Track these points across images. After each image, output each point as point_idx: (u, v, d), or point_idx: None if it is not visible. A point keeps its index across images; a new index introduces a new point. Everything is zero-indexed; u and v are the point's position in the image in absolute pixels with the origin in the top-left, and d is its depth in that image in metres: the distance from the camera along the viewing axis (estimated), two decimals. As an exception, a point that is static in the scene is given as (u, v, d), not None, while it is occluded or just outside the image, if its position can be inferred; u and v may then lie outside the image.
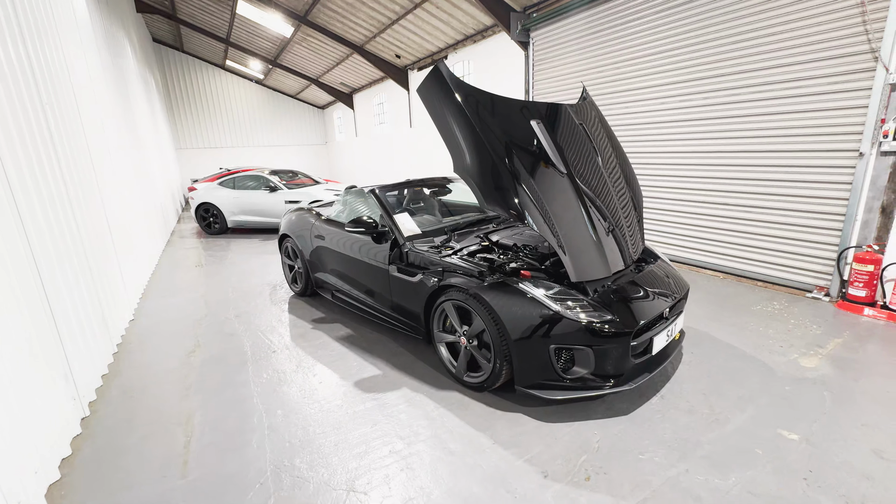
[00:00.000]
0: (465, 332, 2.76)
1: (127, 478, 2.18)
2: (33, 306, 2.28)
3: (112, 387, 3.06)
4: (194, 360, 3.41)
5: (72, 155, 3.30)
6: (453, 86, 2.54)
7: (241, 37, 13.50)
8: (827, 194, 4.12)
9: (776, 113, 4.35)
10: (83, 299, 3.00)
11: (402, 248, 3.24)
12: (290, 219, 4.78)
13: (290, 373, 3.16)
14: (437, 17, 8.61)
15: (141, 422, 2.64)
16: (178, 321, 4.26)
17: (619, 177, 3.08)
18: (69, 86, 3.58)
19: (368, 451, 2.29)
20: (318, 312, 4.32)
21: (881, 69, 3.60)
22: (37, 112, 2.76)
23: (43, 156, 2.73)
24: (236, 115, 18.10)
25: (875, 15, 3.61)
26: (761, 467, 2.10)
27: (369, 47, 11.19)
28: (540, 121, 2.75)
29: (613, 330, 2.35)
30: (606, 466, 2.13)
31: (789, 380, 2.83)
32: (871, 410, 2.50)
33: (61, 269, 2.70)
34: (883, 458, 2.14)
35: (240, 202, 8.65)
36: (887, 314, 3.68)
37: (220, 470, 2.20)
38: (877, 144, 3.73)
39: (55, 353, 2.45)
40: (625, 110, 5.85)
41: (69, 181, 3.13)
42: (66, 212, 2.98)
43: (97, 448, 2.41)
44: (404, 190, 4.18)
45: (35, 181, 2.55)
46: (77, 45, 4.13)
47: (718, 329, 3.60)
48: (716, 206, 5.05)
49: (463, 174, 2.63)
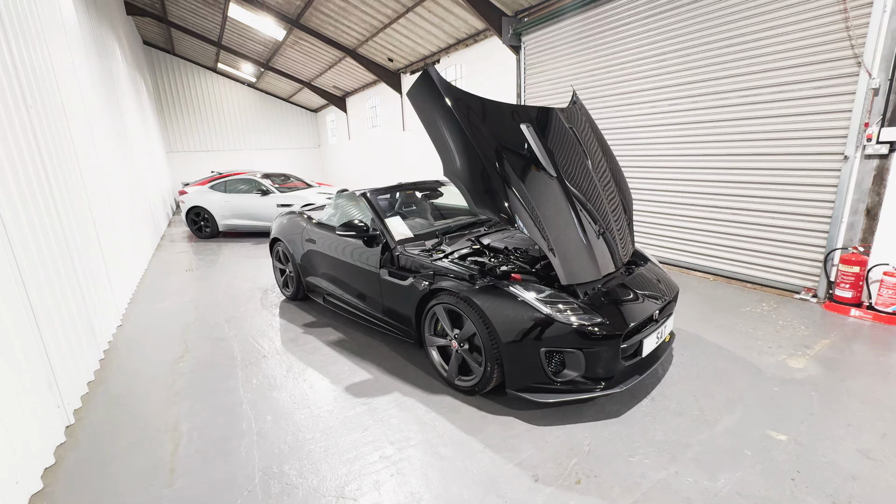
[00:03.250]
0: (456, 336, 2.75)
1: (112, 487, 2.14)
2: (14, 312, 2.23)
3: (98, 394, 3.01)
4: (183, 366, 3.36)
5: (57, 157, 3.25)
6: (443, 90, 2.54)
7: (233, 40, 13.45)
8: (813, 197, 4.18)
9: (763, 116, 4.41)
10: (68, 304, 2.95)
11: (394, 252, 3.23)
12: (281, 222, 4.75)
13: (280, 378, 3.12)
14: (430, 21, 8.65)
15: (127, 429, 2.60)
16: (166, 326, 4.20)
17: (609, 180, 3.10)
18: (55, 87, 3.53)
19: (359, 457, 2.27)
20: (310, 317, 4.29)
21: (864, 74, 3.67)
22: (20, 113, 2.71)
23: (27, 158, 2.69)
24: (228, 119, 18.00)
25: (857, 21, 3.68)
26: (750, 468, 2.11)
27: (362, 51, 11.20)
28: (530, 125, 2.76)
29: (603, 332, 2.36)
30: (597, 469, 2.13)
31: (777, 381, 2.86)
32: (857, 410, 2.53)
33: (45, 274, 2.66)
34: (869, 457, 2.16)
35: (231, 206, 8.58)
36: (873, 315, 3.73)
37: (207, 477, 2.17)
38: (861, 148, 3.80)
39: (38, 361, 2.40)
40: (615, 114, 5.91)
41: (54, 184, 3.08)
42: (51, 215, 2.93)
43: (82, 457, 2.37)
44: (396, 193, 4.18)
45: (18, 184, 2.50)
46: (64, 48, 4.08)
47: (708, 331, 3.63)
48: (705, 208, 5.10)
49: (453, 177, 2.63)
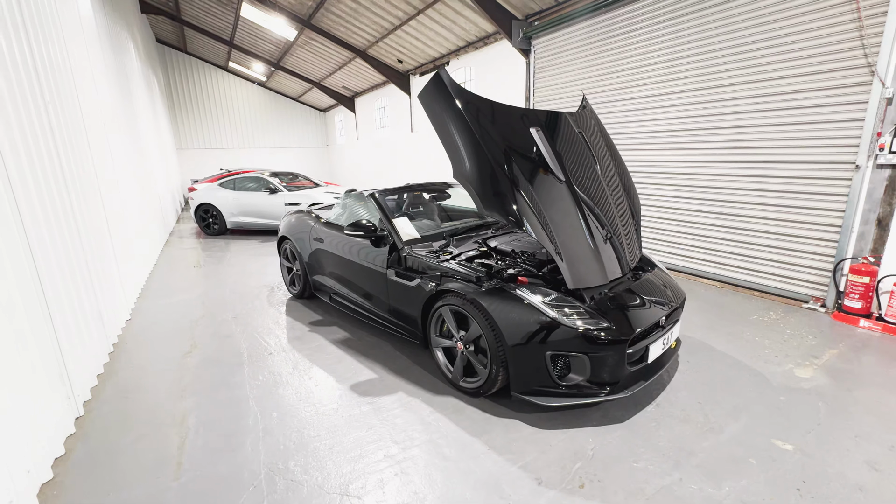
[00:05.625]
0: (461, 338, 2.76)
1: (120, 478, 2.17)
2: (29, 302, 2.27)
3: (107, 386, 3.05)
4: (190, 362, 3.40)
5: (73, 153, 3.31)
6: (454, 92, 2.56)
7: (245, 39, 13.58)
8: (824, 206, 4.15)
9: (774, 124, 4.39)
10: (80, 296, 2.99)
11: (401, 253, 3.24)
12: (289, 221, 4.79)
13: (286, 375, 3.15)
14: (440, 24, 8.68)
15: (135, 422, 2.64)
16: (174, 322, 4.25)
17: (618, 185, 3.10)
18: (72, 84, 3.60)
19: (363, 456, 2.29)
20: (316, 315, 4.31)
21: (877, 83, 3.65)
22: (39, 109, 2.77)
23: (44, 153, 2.74)
24: (238, 117, 18.16)
25: (872, 30, 3.65)
26: (755, 477, 2.10)
27: (372, 52, 11.27)
28: (539, 128, 2.77)
29: (610, 337, 2.36)
30: (601, 474, 2.13)
31: (784, 390, 2.84)
32: (864, 422, 2.51)
33: (59, 266, 2.70)
34: (876, 469, 2.14)
35: (239, 203, 8.66)
36: (882, 326, 3.70)
37: (213, 472, 2.19)
38: (873, 157, 3.77)
39: (51, 351, 2.44)
40: (624, 119, 5.90)
41: (69, 179, 3.13)
42: (66, 209, 2.98)
43: (91, 448, 2.40)
44: (404, 194, 4.20)
45: (35, 178, 2.56)
46: (81, 44, 4.15)
47: (715, 338, 3.61)
48: (713, 215, 5.08)
49: (462, 180, 2.65)
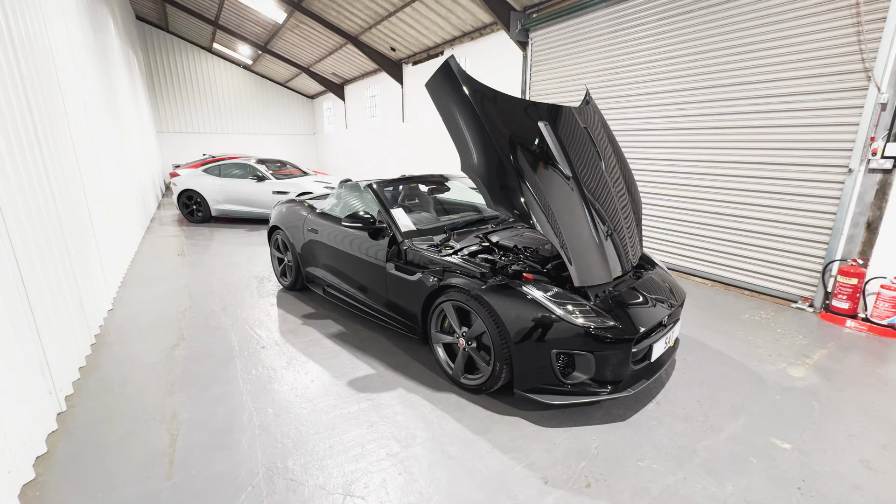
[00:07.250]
0: (464, 334, 2.71)
1: (108, 478, 2.06)
2: (7, 287, 2.12)
3: (90, 380, 2.90)
4: (178, 354, 3.27)
5: (51, 131, 3.11)
6: (463, 81, 2.48)
7: (231, 20, 13.10)
8: (815, 208, 4.23)
9: (770, 126, 4.43)
10: (60, 282, 2.82)
11: (401, 246, 3.17)
12: (280, 210, 4.64)
13: (280, 370, 3.06)
14: (436, 12, 8.51)
15: (122, 418, 2.51)
16: (160, 312, 4.09)
17: (621, 182, 3.08)
18: (50, 60, 3.37)
19: (364, 454, 2.23)
20: (308, 308, 4.21)
21: (873, 88, 3.70)
22: (16, 85, 2.58)
23: (21, 130, 2.56)
24: (221, 101, 17.59)
25: (870, 35, 3.70)
26: (756, 476, 2.12)
27: (364, 38, 11.01)
28: (548, 123, 2.72)
29: (616, 336, 2.34)
30: (606, 473, 2.12)
31: (779, 388, 2.89)
32: (857, 421, 2.57)
33: (38, 249, 2.53)
34: (871, 468, 2.19)
35: (225, 191, 8.39)
36: (868, 326, 3.80)
37: (208, 471, 2.10)
38: (865, 162, 3.84)
39: (30, 341, 2.30)
40: (621, 115, 5.89)
41: (48, 158, 2.94)
42: (44, 189, 2.80)
43: (75, 446, 2.28)
44: (400, 186, 4.11)
45: (12, 157, 2.38)
46: (59, 17, 3.90)
47: (709, 337, 3.66)
48: (706, 214, 5.13)
49: (470, 173, 2.58)
